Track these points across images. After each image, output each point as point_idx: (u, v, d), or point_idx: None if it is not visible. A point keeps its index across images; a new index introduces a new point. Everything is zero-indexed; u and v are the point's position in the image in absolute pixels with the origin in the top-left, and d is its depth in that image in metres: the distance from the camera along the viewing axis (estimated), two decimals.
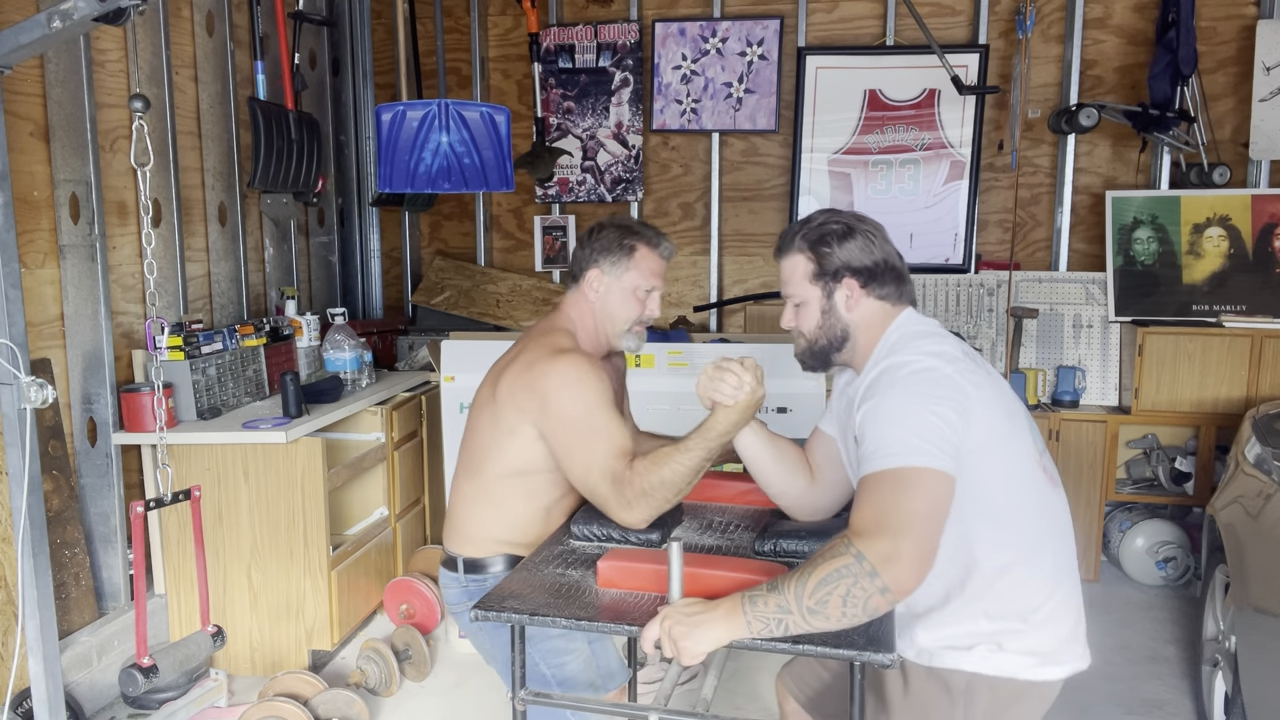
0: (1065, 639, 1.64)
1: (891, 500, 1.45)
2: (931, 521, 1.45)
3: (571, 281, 2.06)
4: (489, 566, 1.97)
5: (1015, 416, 1.65)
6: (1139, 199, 4.19)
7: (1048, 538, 1.64)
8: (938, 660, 1.63)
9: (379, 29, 4.87)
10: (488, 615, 1.60)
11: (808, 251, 1.73)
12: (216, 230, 3.73)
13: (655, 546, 1.85)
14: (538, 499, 1.97)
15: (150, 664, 2.45)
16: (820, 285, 1.72)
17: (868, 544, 1.42)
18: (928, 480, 1.46)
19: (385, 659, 3.11)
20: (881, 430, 1.52)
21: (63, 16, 1.75)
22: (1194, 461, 3.97)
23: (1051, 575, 1.63)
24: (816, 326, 1.74)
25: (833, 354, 1.75)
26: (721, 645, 1.46)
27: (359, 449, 3.60)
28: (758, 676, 3.18)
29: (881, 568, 1.40)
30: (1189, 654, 3.38)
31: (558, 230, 4.84)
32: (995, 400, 1.61)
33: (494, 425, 1.94)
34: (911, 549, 1.41)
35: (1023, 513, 1.62)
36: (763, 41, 4.53)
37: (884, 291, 1.72)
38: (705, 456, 1.79)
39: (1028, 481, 1.63)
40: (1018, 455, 1.62)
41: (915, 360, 1.60)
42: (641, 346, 2.08)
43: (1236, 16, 4.22)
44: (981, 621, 1.60)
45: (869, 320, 1.72)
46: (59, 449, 2.96)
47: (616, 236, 2.01)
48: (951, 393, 1.55)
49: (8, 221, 1.99)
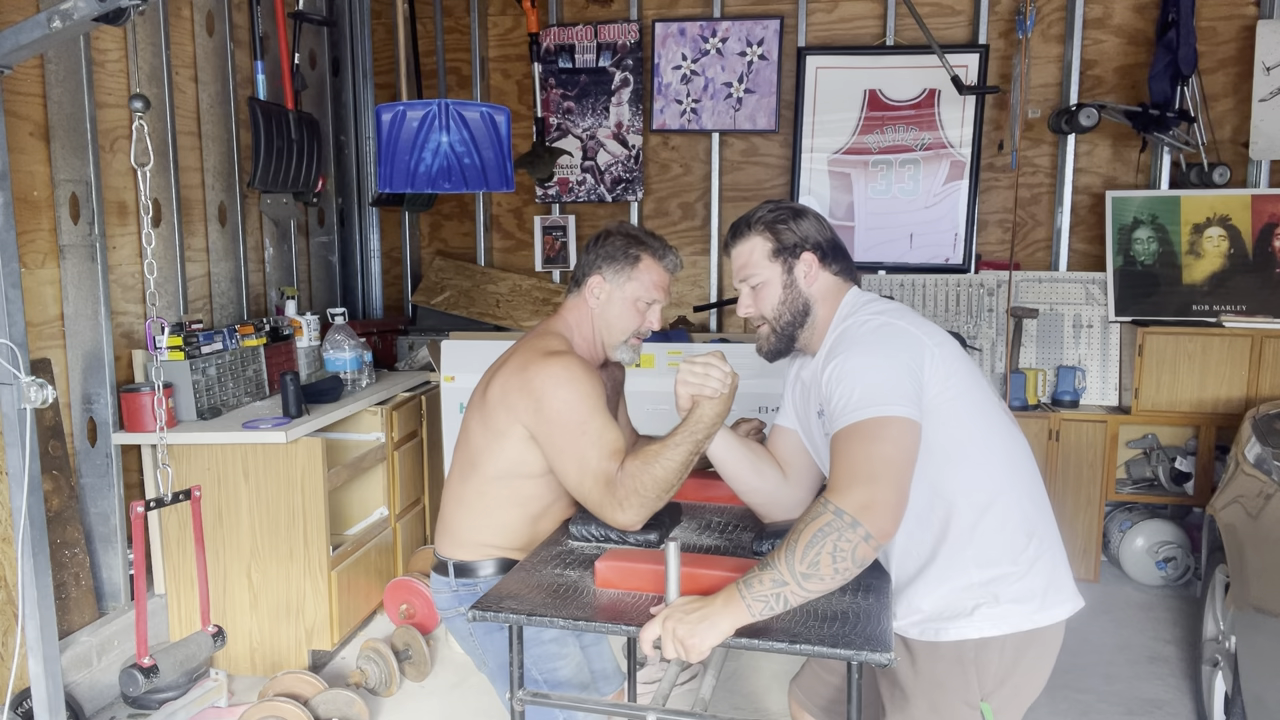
0: (1055, 577, 1.66)
1: (861, 451, 1.51)
2: (902, 466, 1.51)
3: (574, 286, 2.04)
4: (479, 570, 1.96)
5: (972, 367, 1.70)
6: (1139, 199, 4.19)
7: (1020, 475, 1.68)
8: (944, 633, 1.64)
9: (379, 29, 4.87)
10: (485, 615, 1.60)
11: (765, 232, 1.78)
12: (216, 230, 3.74)
13: (654, 547, 1.85)
14: (526, 506, 1.96)
15: (150, 664, 2.45)
16: (780, 261, 1.77)
17: (843, 497, 1.48)
18: (893, 427, 1.52)
19: (385, 659, 3.12)
20: (847, 387, 1.57)
21: (63, 16, 1.75)
22: (1194, 461, 3.97)
23: (1030, 512, 1.66)
24: (779, 303, 1.77)
25: (796, 331, 1.78)
26: (727, 636, 1.47)
27: (359, 449, 3.60)
28: (756, 677, 3.18)
29: (861, 516, 1.45)
30: (1189, 654, 3.37)
31: (558, 230, 4.84)
32: (949, 349, 1.66)
33: (485, 427, 1.93)
34: (885, 494, 1.48)
35: (994, 453, 1.66)
36: (763, 41, 4.53)
37: (838, 267, 1.79)
38: (693, 450, 1.79)
39: (994, 421, 1.68)
40: (980, 398, 1.67)
41: (870, 319, 1.67)
42: (637, 359, 2.06)
43: (1236, 16, 4.21)
44: (973, 570, 1.62)
45: (825, 295, 1.77)
46: (59, 449, 2.96)
47: (623, 245, 1.98)
48: (908, 343, 1.62)
49: (8, 221, 1.99)
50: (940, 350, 1.63)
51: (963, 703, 1.64)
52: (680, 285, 4.86)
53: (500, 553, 1.97)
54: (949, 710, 1.65)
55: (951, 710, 1.65)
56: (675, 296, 4.85)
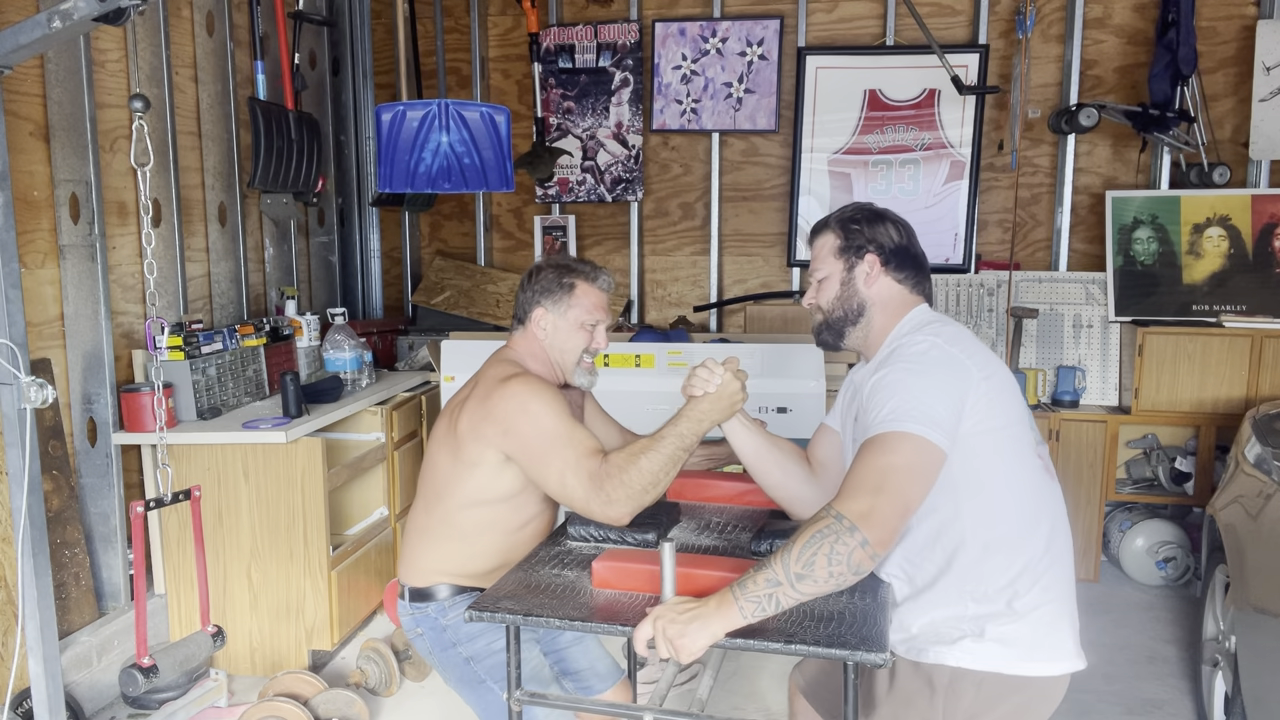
0: (1054, 631, 1.63)
1: (872, 461, 1.52)
2: (909, 479, 1.50)
3: (518, 324, 2.12)
4: (434, 594, 2.03)
5: (1017, 403, 1.68)
6: (1139, 199, 4.19)
7: (1040, 523, 1.66)
8: (924, 655, 1.63)
9: (379, 29, 4.87)
10: (482, 615, 1.60)
11: (837, 229, 1.81)
12: (216, 230, 3.74)
13: (651, 547, 1.85)
14: (494, 532, 2.01)
15: (150, 664, 2.46)
16: (844, 259, 1.79)
17: (846, 503, 1.49)
18: (910, 443, 1.52)
19: (385, 659, 3.12)
20: (882, 400, 1.58)
21: (63, 16, 1.75)
22: (1194, 461, 3.97)
23: (1040, 562, 1.63)
24: (834, 298, 1.79)
25: (847, 328, 1.80)
26: (718, 638, 1.47)
27: (359, 449, 3.61)
28: (755, 677, 3.18)
29: (860, 523, 1.45)
30: (1189, 654, 3.37)
31: (558, 230, 4.84)
32: (998, 385, 1.65)
33: (455, 459, 1.98)
34: (887, 503, 1.47)
35: (1016, 494, 1.65)
36: (763, 41, 4.53)
37: (902, 275, 1.78)
38: (679, 446, 1.82)
39: (1024, 465, 1.66)
40: (1016, 439, 1.66)
41: (922, 340, 1.66)
42: (595, 382, 2.14)
43: (1236, 16, 4.21)
44: (968, 603, 1.61)
45: (885, 300, 1.77)
46: (59, 449, 2.96)
47: (555, 276, 2.08)
48: (954, 370, 1.61)
49: (8, 221, 2.00)
50: (987, 384, 1.62)
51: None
52: (680, 285, 4.86)
53: (454, 579, 2.03)
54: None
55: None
56: (675, 296, 4.86)
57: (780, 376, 3.56)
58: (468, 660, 2.00)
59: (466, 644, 1.99)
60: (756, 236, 4.75)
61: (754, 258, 4.77)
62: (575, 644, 2.20)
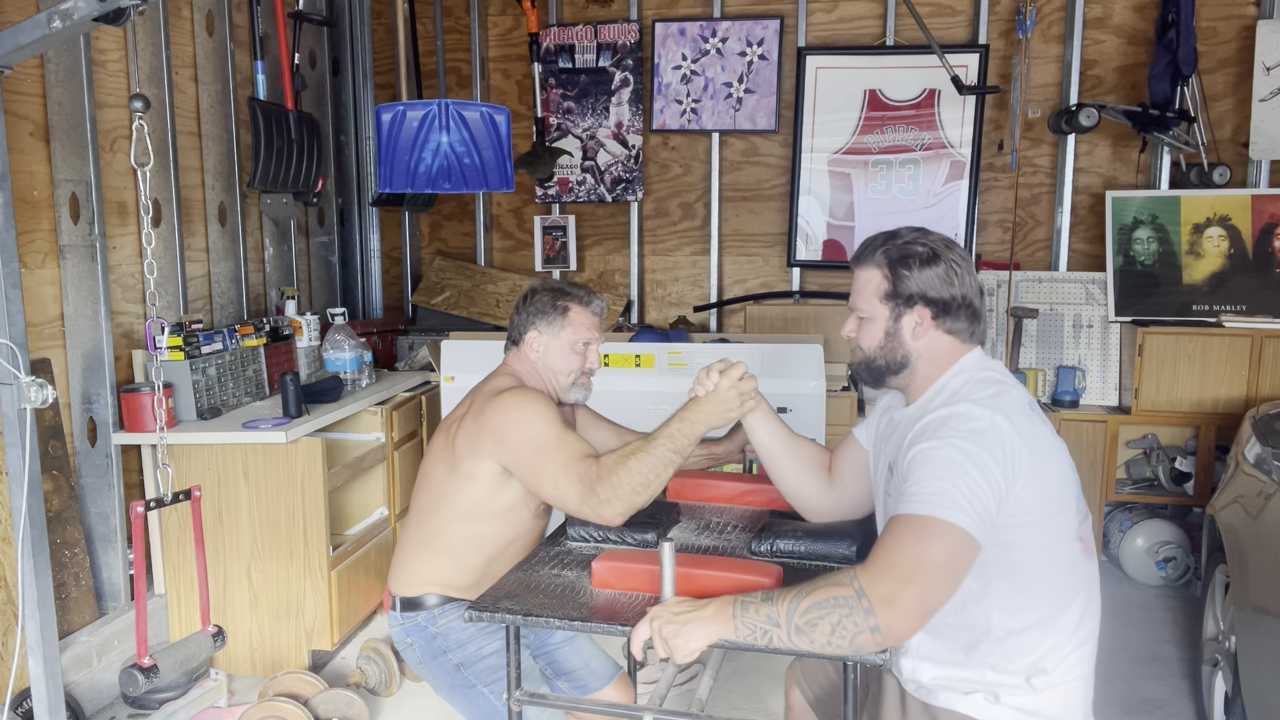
0: (1069, 708, 1.59)
1: (909, 545, 1.42)
2: (943, 576, 1.42)
3: (512, 345, 2.17)
4: (423, 603, 2.05)
5: (1064, 483, 1.59)
6: (1139, 199, 4.19)
7: (1072, 606, 1.59)
8: (934, 698, 1.61)
9: (379, 29, 4.87)
10: (482, 616, 1.60)
11: (885, 269, 1.65)
12: (216, 230, 3.74)
13: (650, 547, 1.85)
14: (483, 548, 2.04)
15: (150, 664, 2.45)
16: (890, 306, 1.66)
17: (872, 581, 1.40)
18: (951, 536, 1.42)
19: (385, 659, 3.12)
20: (925, 475, 1.48)
21: (63, 16, 1.76)
22: (1194, 461, 3.97)
23: (1066, 644, 1.58)
24: (878, 346, 1.68)
25: (888, 376, 1.70)
26: (711, 643, 1.47)
27: (359, 449, 3.60)
28: (755, 677, 3.18)
29: (879, 608, 1.38)
30: (1189, 654, 3.37)
31: (558, 230, 4.84)
32: (1049, 464, 1.56)
33: (452, 472, 2.02)
34: (914, 597, 1.39)
35: (1049, 581, 1.57)
36: (763, 41, 4.53)
37: (955, 326, 1.65)
38: (670, 448, 1.83)
39: (1062, 550, 1.58)
40: (1057, 523, 1.57)
41: (980, 416, 1.52)
42: (589, 397, 2.18)
43: (1236, 16, 4.21)
44: (987, 672, 1.58)
45: (933, 352, 1.66)
46: (59, 449, 2.96)
47: (550, 299, 2.12)
48: (1008, 460, 1.49)
49: (8, 221, 2.00)
50: (1038, 475, 1.52)
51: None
52: (680, 285, 4.86)
53: (442, 590, 2.06)
54: None
55: None
56: (675, 296, 4.86)
57: (780, 376, 3.56)
58: (458, 666, 2.02)
59: (457, 650, 2.02)
60: (756, 236, 4.75)
61: (754, 258, 4.77)
62: (566, 644, 2.22)
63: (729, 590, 1.54)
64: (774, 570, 1.65)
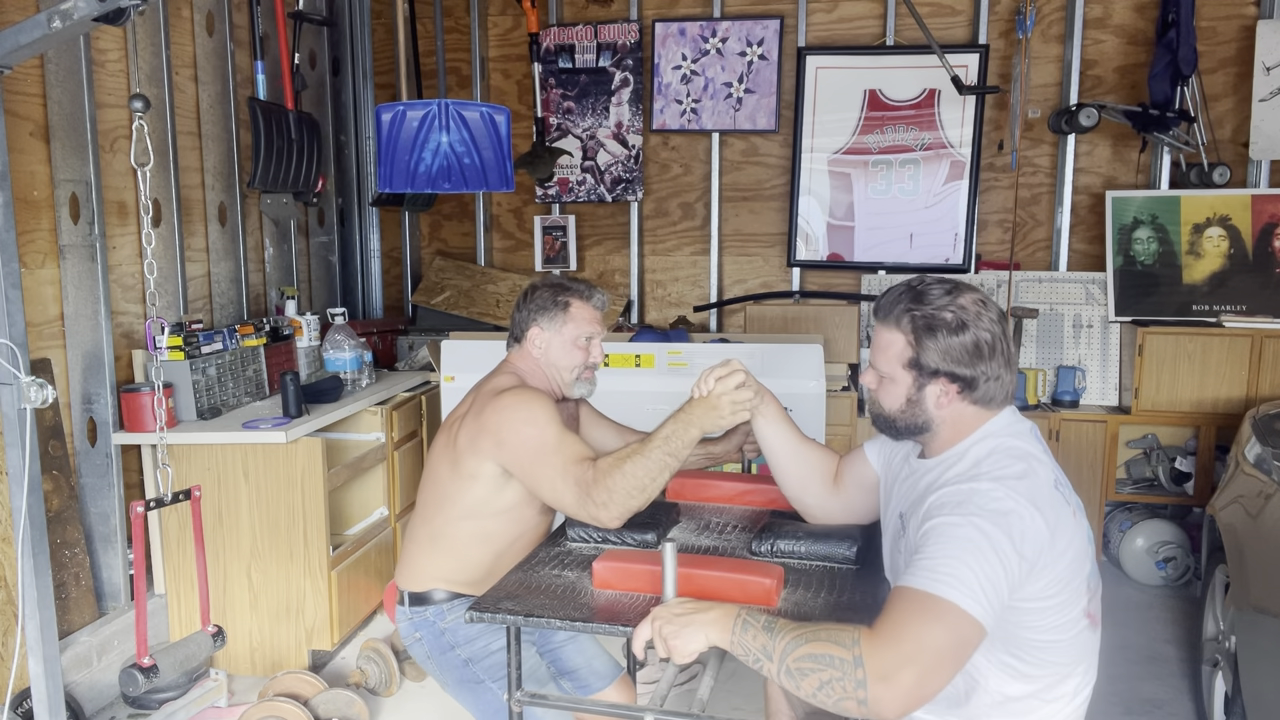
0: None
1: (916, 625, 1.37)
2: (945, 662, 1.38)
3: (515, 342, 2.16)
4: (431, 598, 2.06)
5: (1080, 562, 1.53)
6: (1139, 199, 4.19)
7: (1071, 677, 1.57)
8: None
9: (379, 29, 4.87)
10: (483, 616, 1.60)
11: (910, 335, 1.57)
12: (216, 230, 3.74)
13: (651, 547, 1.85)
14: (490, 544, 2.05)
15: (150, 664, 2.45)
16: (913, 374, 1.58)
17: (873, 652, 1.36)
18: (962, 624, 1.38)
19: (385, 659, 3.12)
20: (942, 551, 1.42)
21: (63, 16, 1.76)
22: (1194, 461, 3.97)
23: (1062, 710, 1.57)
24: (899, 410, 1.61)
25: (906, 436, 1.66)
26: (710, 645, 1.47)
27: (359, 449, 3.60)
28: (755, 677, 3.17)
29: (873, 682, 1.34)
30: (1189, 654, 3.37)
31: (558, 230, 4.84)
32: (1069, 551, 1.50)
33: (454, 471, 2.02)
34: (911, 680, 1.34)
35: (1053, 655, 1.54)
36: (763, 41, 4.53)
37: (980, 397, 1.57)
38: (668, 450, 1.83)
39: (1069, 629, 1.54)
40: (1068, 607, 1.52)
41: (1004, 498, 1.46)
42: (593, 391, 2.18)
43: (1236, 16, 4.21)
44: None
45: (957, 420, 1.59)
46: (59, 449, 2.96)
47: (551, 295, 2.12)
48: (1027, 543, 1.44)
49: (8, 221, 2.00)
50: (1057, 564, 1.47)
51: None
52: (680, 285, 4.86)
53: (450, 585, 2.06)
54: None
55: None
56: (675, 296, 4.86)
57: (780, 376, 3.56)
58: (466, 662, 2.02)
59: (465, 645, 2.02)
60: (756, 236, 4.75)
61: (754, 258, 4.77)
62: (569, 642, 2.22)
63: (730, 590, 1.54)
64: (775, 570, 1.65)
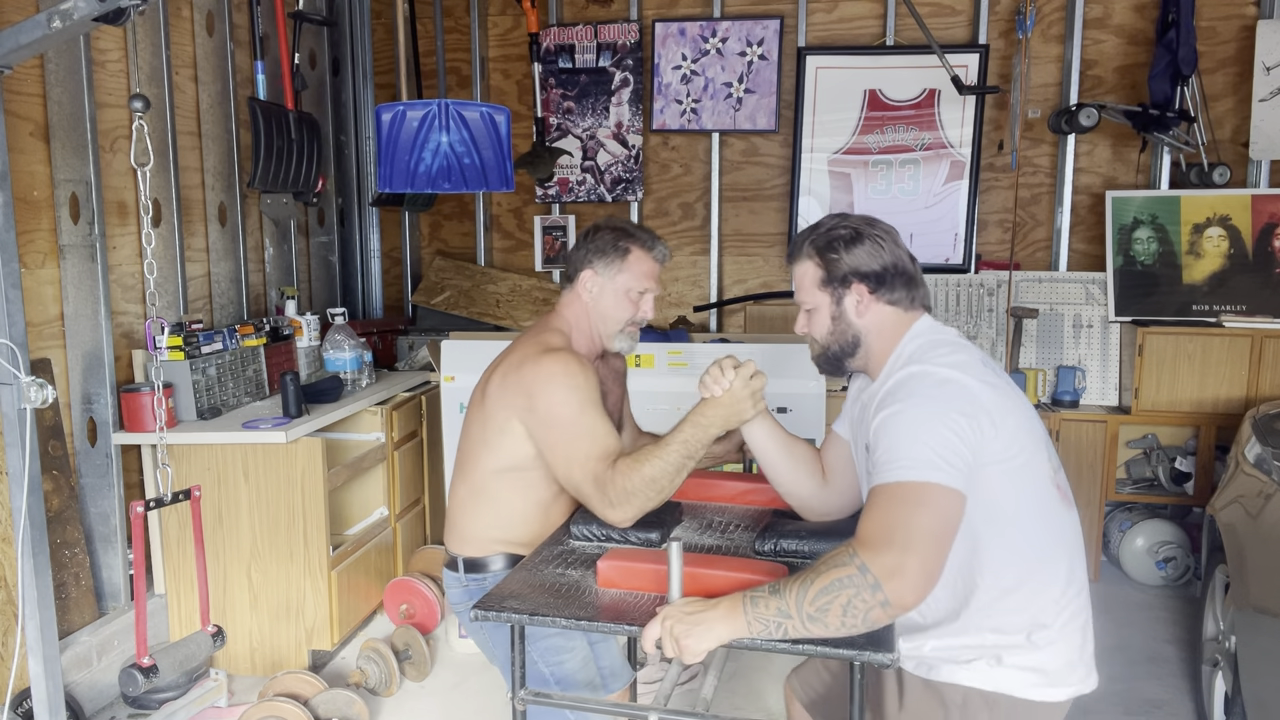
0: (1071, 660, 1.61)
1: (900, 515, 1.44)
2: (940, 539, 1.44)
3: (566, 283, 2.06)
4: (488, 565, 1.98)
5: (1033, 432, 1.62)
6: (1139, 199, 4.19)
7: (1059, 556, 1.61)
8: (935, 673, 1.62)
9: (379, 29, 4.87)
10: (487, 615, 1.60)
11: (816, 258, 1.72)
12: (216, 230, 3.73)
13: (655, 546, 1.85)
14: (533, 494, 1.98)
15: (150, 664, 2.45)
16: (829, 291, 1.71)
17: (873, 556, 1.41)
18: (939, 497, 1.45)
19: (385, 659, 3.11)
20: (895, 441, 1.50)
21: (63, 16, 1.75)
22: (1194, 461, 3.97)
23: (1060, 594, 1.60)
24: (828, 333, 1.73)
25: (845, 360, 1.74)
26: (722, 643, 1.47)
27: (359, 449, 3.60)
28: (758, 677, 3.18)
29: (885, 581, 1.39)
30: (1189, 654, 3.37)
31: (558, 230, 4.84)
32: (1013, 415, 1.58)
33: (485, 424, 1.95)
34: (917, 565, 1.40)
35: (1033, 530, 1.59)
36: (763, 41, 4.53)
37: (894, 296, 1.69)
38: (686, 453, 1.80)
39: (1041, 498, 1.60)
40: (1033, 471, 1.59)
41: (935, 371, 1.57)
42: (634, 347, 2.09)
43: (1236, 16, 4.21)
44: (986, 635, 1.58)
45: (880, 326, 1.70)
46: (59, 449, 2.96)
47: (611, 238, 2.01)
48: (970, 407, 1.52)
49: (8, 221, 1.99)
50: (1003, 421, 1.54)
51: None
52: (680, 285, 4.86)
53: (507, 547, 1.99)
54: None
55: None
56: (675, 296, 4.86)
57: (780, 376, 3.56)
58: None
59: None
60: (756, 236, 4.75)
61: (754, 258, 4.77)
62: (601, 641, 2.16)
63: (734, 589, 1.54)
64: (779, 570, 1.65)
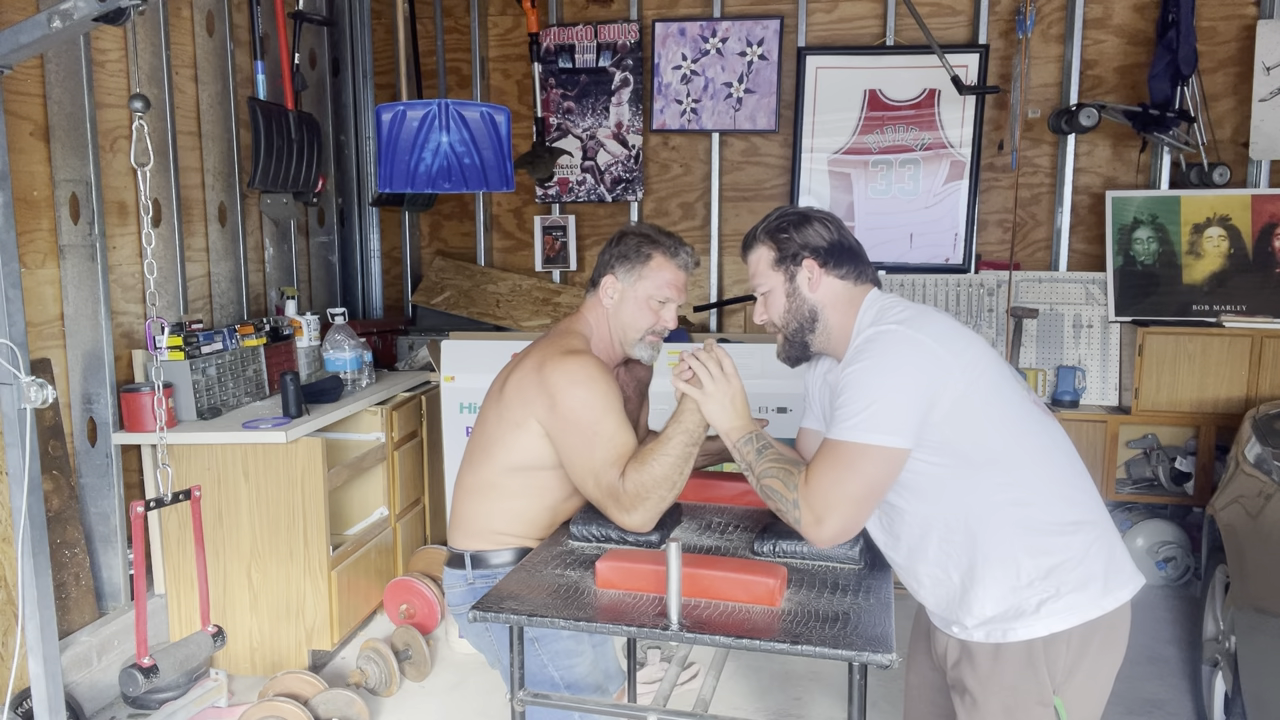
0: (1113, 558, 1.65)
1: (834, 476, 1.60)
2: (862, 503, 1.61)
3: (591, 287, 2.06)
4: (494, 559, 1.96)
5: (1000, 367, 1.69)
6: (1139, 199, 4.19)
7: (1055, 469, 1.67)
8: (1011, 634, 1.62)
9: (379, 29, 4.87)
10: (486, 616, 1.60)
11: (768, 240, 1.81)
12: (216, 230, 3.73)
13: (654, 547, 1.85)
14: (544, 497, 1.97)
15: (150, 664, 2.45)
16: (783, 270, 1.79)
17: (807, 500, 1.62)
18: (872, 458, 1.58)
19: (385, 659, 3.11)
20: (851, 397, 1.61)
21: (63, 16, 1.75)
22: (1194, 461, 3.97)
23: (1074, 500, 1.66)
24: (785, 311, 1.80)
25: (806, 336, 1.80)
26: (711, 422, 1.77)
27: (359, 449, 3.60)
28: (756, 676, 3.18)
29: (806, 523, 1.62)
30: (1189, 654, 3.37)
31: (558, 230, 4.84)
32: (973, 356, 1.65)
33: (500, 420, 1.94)
34: (836, 522, 1.60)
35: (1025, 447, 1.65)
36: (763, 41, 4.53)
37: (843, 270, 1.78)
38: (687, 442, 1.80)
39: (1023, 415, 1.67)
40: (1008, 396, 1.66)
41: (894, 329, 1.65)
42: (656, 357, 2.07)
43: (1236, 16, 4.21)
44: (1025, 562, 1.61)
45: (834, 299, 1.78)
46: (59, 449, 2.96)
47: (636, 244, 2.00)
48: (925, 361, 1.61)
49: (8, 221, 1.99)
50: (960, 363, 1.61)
51: (1036, 702, 1.63)
52: None
53: (518, 541, 1.97)
54: (1022, 712, 1.64)
55: (1025, 711, 1.64)
56: None
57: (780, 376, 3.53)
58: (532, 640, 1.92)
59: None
60: None
61: None
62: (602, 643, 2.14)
63: (734, 590, 1.56)
64: (780, 570, 1.65)
